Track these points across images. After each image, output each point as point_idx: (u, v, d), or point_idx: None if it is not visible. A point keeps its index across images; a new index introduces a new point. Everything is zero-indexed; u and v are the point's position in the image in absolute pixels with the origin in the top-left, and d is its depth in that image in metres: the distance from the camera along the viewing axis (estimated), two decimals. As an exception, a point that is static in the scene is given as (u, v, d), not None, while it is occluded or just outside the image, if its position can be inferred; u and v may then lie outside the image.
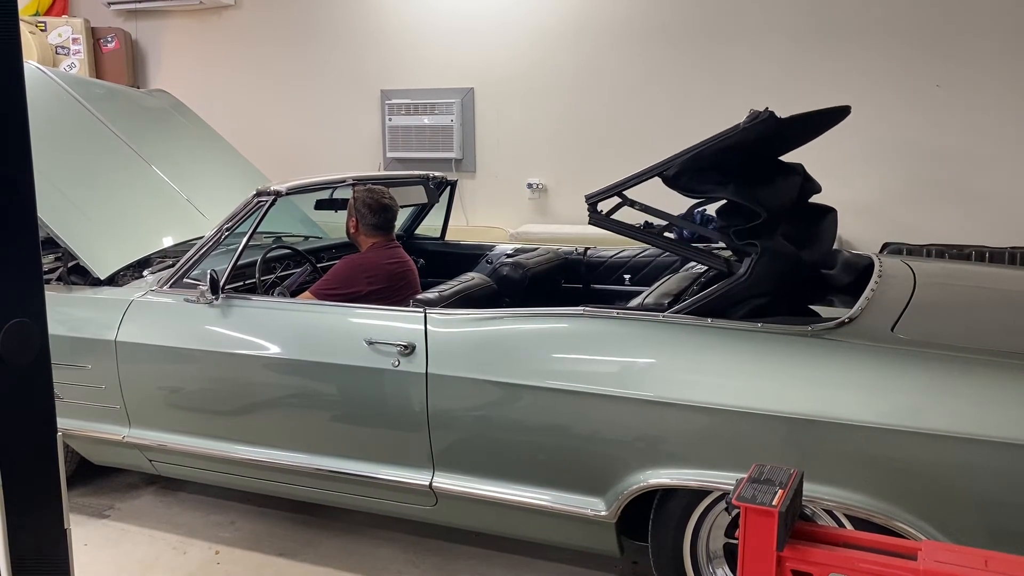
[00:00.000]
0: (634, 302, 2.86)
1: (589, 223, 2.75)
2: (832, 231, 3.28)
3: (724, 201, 2.91)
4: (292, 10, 6.71)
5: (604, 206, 2.76)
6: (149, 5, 6.97)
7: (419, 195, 4.29)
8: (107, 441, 3.37)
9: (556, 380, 2.59)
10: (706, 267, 3.10)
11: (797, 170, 3.12)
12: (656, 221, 2.91)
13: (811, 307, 3.38)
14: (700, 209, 4.14)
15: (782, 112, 3.23)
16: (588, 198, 2.74)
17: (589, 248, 4.15)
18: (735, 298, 2.62)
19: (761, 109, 2.63)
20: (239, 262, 3.26)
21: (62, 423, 1.59)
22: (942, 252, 4.97)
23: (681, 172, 2.68)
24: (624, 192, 2.74)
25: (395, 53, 6.45)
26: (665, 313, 2.61)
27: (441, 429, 2.77)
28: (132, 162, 4.05)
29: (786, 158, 3.17)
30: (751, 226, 2.69)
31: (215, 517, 3.54)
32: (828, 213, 3.29)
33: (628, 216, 2.77)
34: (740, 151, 2.71)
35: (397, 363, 2.80)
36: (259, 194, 3.28)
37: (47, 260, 3.77)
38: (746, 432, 2.36)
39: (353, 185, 3.69)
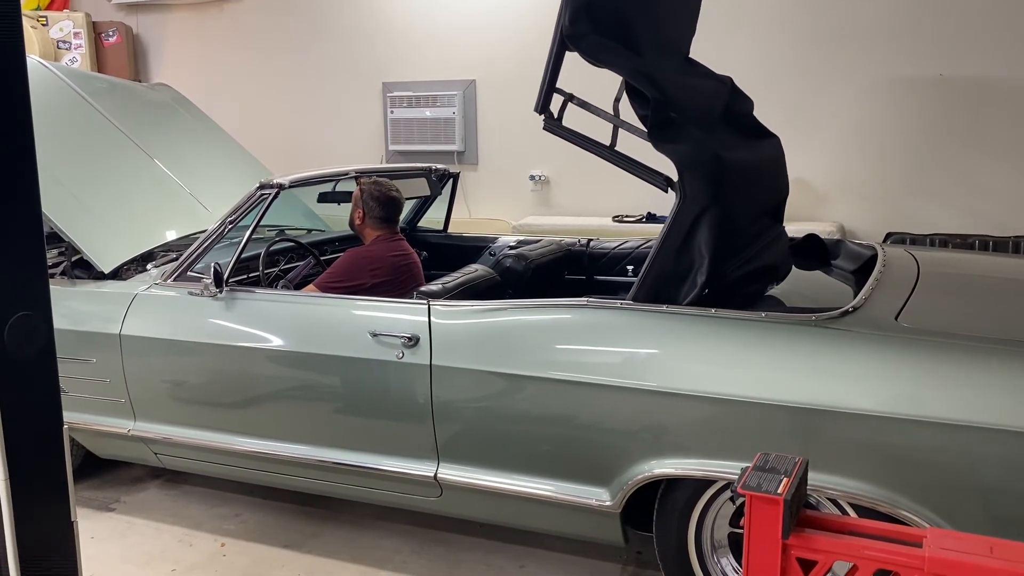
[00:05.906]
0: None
1: (544, 129, 2.76)
2: (773, 154, 3.12)
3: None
4: (293, 3, 6.70)
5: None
6: (150, -1, 6.97)
7: (422, 188, 4.28)
8: (112, 434, 3.38)
9: (560, 371, 2.59)
10: None
11: (723, 80, 3.06)
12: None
13: (816, 269, 3.41)
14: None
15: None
16: (537, 108, 2.78)
17: (592, 240, 4.15)
18: (685, 219, 2.62)
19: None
20: (243, 255, 3.26)
21: (67, 417, 1.60)
22: (945, 242, 4.97)
23: (577, 26, 2.62)
24: (559, 87, 2.77)
25: (397, 45, 6.43)
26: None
27: (445, 420, 2.78)
28: (135, 156, 4.05)
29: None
30: (660, 119, 2.62)
31: (220, 509, 3.55)
32: (770, 137, 3.17)
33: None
34: None
35: (401, 355, 2.81)
36: (262, 187, 3.28)
37: (51, 255, 3.78)
38: (750, 422, 2.36)
39: (356, 178, 3.69)
